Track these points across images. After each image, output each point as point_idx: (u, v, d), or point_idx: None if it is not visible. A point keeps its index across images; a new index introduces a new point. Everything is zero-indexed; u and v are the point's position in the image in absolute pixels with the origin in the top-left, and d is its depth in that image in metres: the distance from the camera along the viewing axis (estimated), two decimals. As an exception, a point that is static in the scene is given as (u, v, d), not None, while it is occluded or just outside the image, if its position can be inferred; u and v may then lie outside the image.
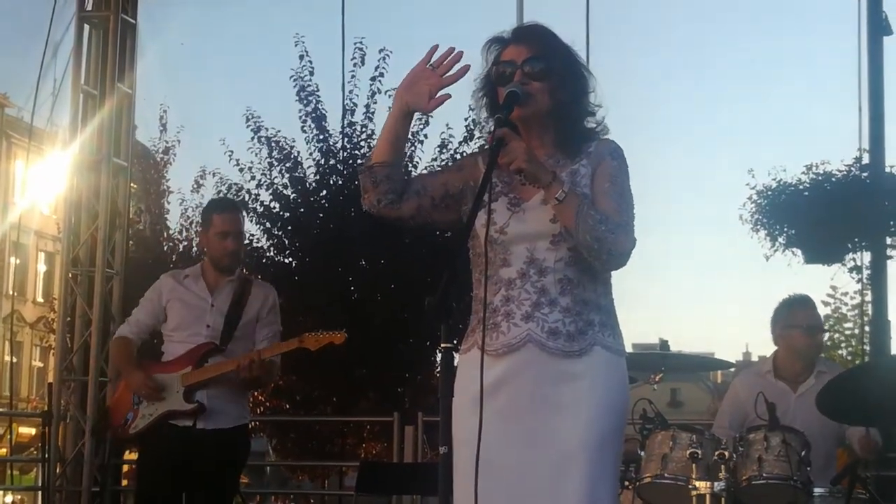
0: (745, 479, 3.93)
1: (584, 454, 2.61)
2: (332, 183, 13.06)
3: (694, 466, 3.93)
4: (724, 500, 3.90)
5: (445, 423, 2.42)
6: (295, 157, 13.24)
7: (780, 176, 8.09)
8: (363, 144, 13.03)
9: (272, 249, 13.32)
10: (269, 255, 13.23)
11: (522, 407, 2.66)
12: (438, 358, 2.42)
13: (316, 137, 13.18)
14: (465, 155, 10.50)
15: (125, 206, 7.21)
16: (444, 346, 2.36)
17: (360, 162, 12.61)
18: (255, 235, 13.05)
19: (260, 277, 7.29)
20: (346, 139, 13.12)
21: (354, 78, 12.96)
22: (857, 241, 7.80)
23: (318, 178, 13.17)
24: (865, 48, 8.15)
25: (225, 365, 4.53)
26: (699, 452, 3.93)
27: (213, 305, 4.65)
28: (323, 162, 13.17)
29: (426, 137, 12.97)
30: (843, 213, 7.54)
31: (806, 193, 7.76)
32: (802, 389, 4.58)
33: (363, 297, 12.46)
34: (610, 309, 2.76)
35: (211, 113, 43.67)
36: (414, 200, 2.77)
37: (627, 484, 4.13)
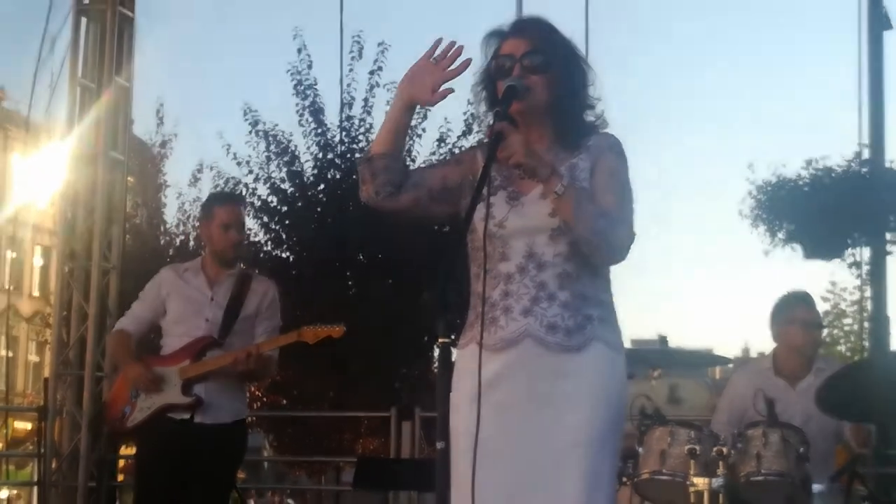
0: (743, 475, 3.92)
1: (582, 449, 2.60)
2: (329, 177, 13.03)
3: (692, 463, 3.92)
4: (722, 496, 3.89)
5: (443, 418, 2.40)
6: (292, 151, 13.20)
7: (779, 171, 8.10)
8: (361, 138, 13.00)
9: (269, 244, 13.29)
10: (266, 249, 13.20)
11: (521, 401, 2.65)
12: (436, 353, 2.40)
13: (314, 131, 13.15)
14: (463, 149, 10.49)
15: (122, 199, 7.19)
16: (441, 340, 2.34)
17: (358, 156, 12.59)
18: (252, 230, 13.01)
19: (257, 272, 7.27)
20: (343, 133, 13.08)
21: (352, 72, 12.94)
22: (856, 236, 7.80)
23: (315, 172, 13.13)
24: (866, 43, 8.15)
25: (223, 358, 4.52)
26: (697, 448, 3.92)
27: (212, 299, 4.63)
28: (321, 156, 13.14)
29: (424, 131, 12.93)
30: (842, 208, 7.54)
31: (806, 189, 7.76)
32: (802, 386, 4.56)
33: (361, 291, 12.43)
34: (609, 304, 2.75)
35: (208, 106, 43.62)
36: (412, 193, 2.75)
37: (625, 480, 4.12)
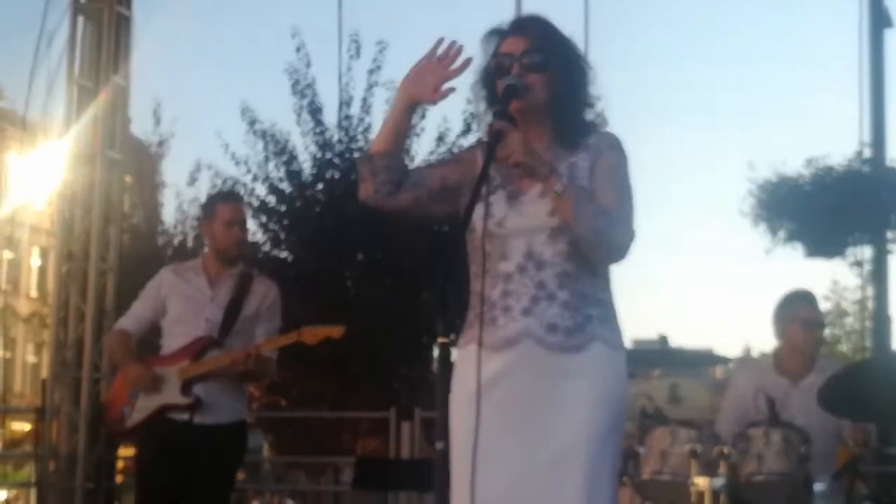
0: (744, 475, 3.91)
1: (582, 449, 2.59)
2: (328, 177, 13.00)
3: (693, 463, 3.90)
4: (723, 496, 3.87)
5: (443, 418, 2.39)
6: (291, 150, 13.18)
7: (780, 170, 8.09)
8: (360, 138, 12.97)
9: (268, 244, 13.27)
10: (264, 249, 13.17)
11: (521, 401, 2.63)
12: (436, 353, 2.38)
13: (312, 131, 13.13)
14: (462, 148, 10.47)
15: (120, 199, 7.17)
16: (441, 340, 2.32)
17: (356, 156, 12.57)
18: (250, 230, 12.95)
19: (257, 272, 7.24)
20: (342, 132, 13.06)
21: (350, 71, 12.92)
22: (858, 235, 7.79)
23: (314, 171, 13.11)
24: (867, 40, 8.13)
25: (222, 359, 4.50)
26: (698, 448, 3.90)
27: (212, 299, 4.61)
28: (319, 155, 13.11)
29: (423, 130, 12.90)
30: (843, 206, 7.52)
31: (807, 187, 7.75)
32: (803, 385, 4.54)
33: (360, 291, 12.41)
34: (609, 303, 2.73)
35: (206, 105, 43.57)
36: (411, 192, 2.73)
37: (625, 480, 4.10)
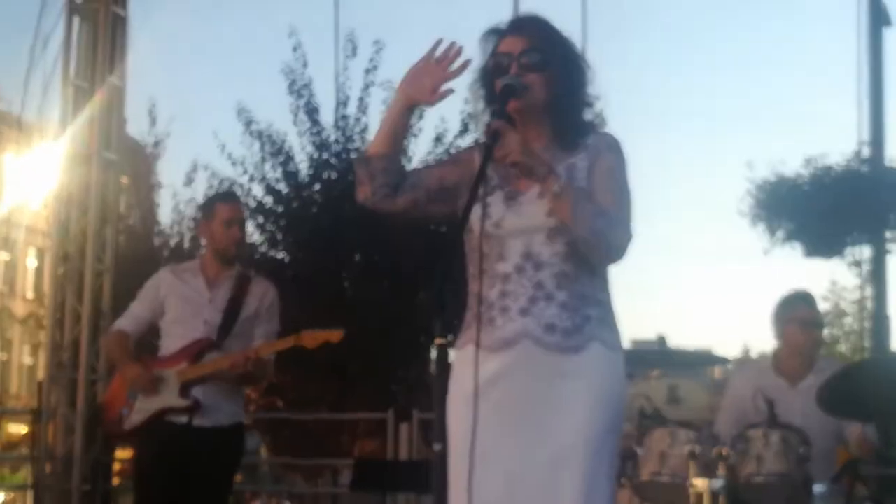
0: (743, 476, 3.90)
1: (581, 450, 2.58)
2: (325, 177, 12.99)
3: (692, 464, 3.89)
4: (722, 497, 3.86)
5: (441, 419, 2.38)
6: (287, 151, 13.16)
7: (778, 169, 8.09)
8: (357, 138, 12.96)
9: (265, 244, 13.25)
10: (261, 250, 13.16)
11: (519, 402, 2.62)
12: (433, 354, 2.37)
13: (309, 131, 13.12)
14: (460, 148, 10.45)
15: (116, 200, 7.16)
16: (438, 341, 2.31)
17: (353, 156, 12.56)
18: (247, 231, 12.94)
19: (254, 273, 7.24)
20: (339, 133, 13.05)
21: (347, 70, 12.91)
22: (856, 234, 7.79)
23: (311, 172, 13.09)
24: (866, 39, 8.13)
25: (221, 361, 4.48)
26: (697, 450, 3.89)
27: (210, 301, 4.60)
28: (316, 156, 13.09)
29: (421, 130, 12.88)
30: (842, 206, 7.52)
31: (805, 187, 7.74)
32: (802, 386, 4.53)
33: (357, 292, 12.40)
34: (608, 304, 2.72)
35: (202, 105, 43.45)
36: (409, 194, 2.73)
37: (624, 481, 4.09)
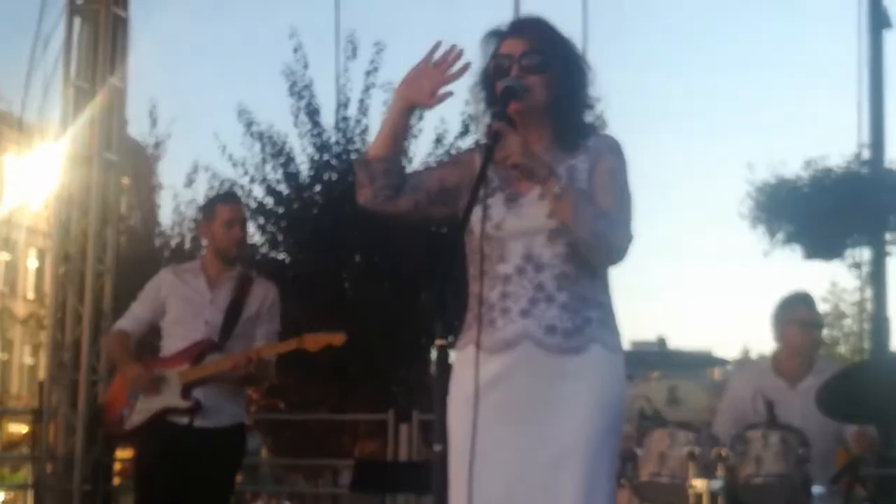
0: (743, 477, 3.90)
1: (580, 451, 2.59)
2: (326, 178, 13.00)
3: (692, 465, 3.89)
4: (721, 498, 3.86)
5: (441, 420, 2.38)
6: (288, 152, 13.17)
7: (778, 171, 8.09)
8: (357, 139, 12.97)
9: (266, 246, 13.26)
10: (262, 251, 13.17)
11: (519, 403, 2.63)
12: (434, 355, 2.38)
13: (309, 132, 13.13)
14: (460, 150, 10.45)
15: (116, 201, 7.17)
16: (439, 342, 2.32)
17: (354, 157, 12.57)
18: (248, 232, 12.93)
19: (255, 273, 7.25)
20: (340, 134, 13.06)
21: (347, 72, 12.92)
22: (856, 236, 7.80)
23: (311, 173, 13.11)
24: (866, 41, 8.13)
25: (223, 363, 4.48)
26: (697, 451, 3.89)
27: (212, 301, 4.60)
28: (317, 157, 13.11)
29: (421, 131, 12.90)
30: (842, 208, 7.53)
31: (805, 189, 7.75)
32: (801, 386, 4.54)
33: (358, 293, 12.40)
34: (608, 305, 2.73)
35: (202, 107, 43.40)
36: (410, 196, 2.73)
37: (623, 481, 4.09)
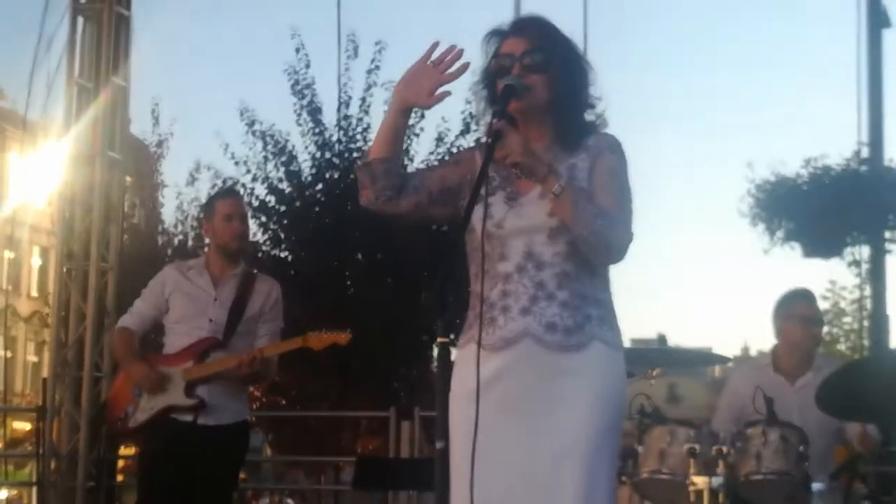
0: (743, 474, 3.91)
1: (581, 448, 2.60)
2: (327, 177, 13.02)
3: (692, 462, 3.90)
4: (722, 495, 3.88)
5: (442, 417, 2.40)
6: (290, 150, 13.19)
7: (778, 170, 8.11)
8: (359, 138, 13.00)
9: (268, 243, 13.28)
10: (264, 249, 13.19)
11: (520, 401, 2.64)
12: (435, 352, 2.40)
13: (311, 131, 13.14)
14: (461, 148, 10.48)
15: (120, 199, 7.19)
16: (440, 340, 2.34)
17: (356, 155, 12.60)
18: (250, 230, 12.95)
19: (257, 272, 7.26)
20: (341, 133, 13.08)
21: (349, 71, 12.95)
22: (855, 234, 7.81)
23: (313, 171, 13.13)
24: (865, 40, 8.14)
25: (226, 361, 4.49)
26: (697, 448, 3.90)
27: (216, 299, 4.60)
28: (319, 155, 13.13)
29: (422, 130, 12.92)
30: (841, 206, 7.54)
31: (805, 187, 7.76)
32: (800, 383, 4.55)
33: (359, 291, 12.42)
34: (608, 303, 2.74)
35: (205, 105, 43.44)
36: (412, 196, 2.75)
37: (624, 479, 4.11)
